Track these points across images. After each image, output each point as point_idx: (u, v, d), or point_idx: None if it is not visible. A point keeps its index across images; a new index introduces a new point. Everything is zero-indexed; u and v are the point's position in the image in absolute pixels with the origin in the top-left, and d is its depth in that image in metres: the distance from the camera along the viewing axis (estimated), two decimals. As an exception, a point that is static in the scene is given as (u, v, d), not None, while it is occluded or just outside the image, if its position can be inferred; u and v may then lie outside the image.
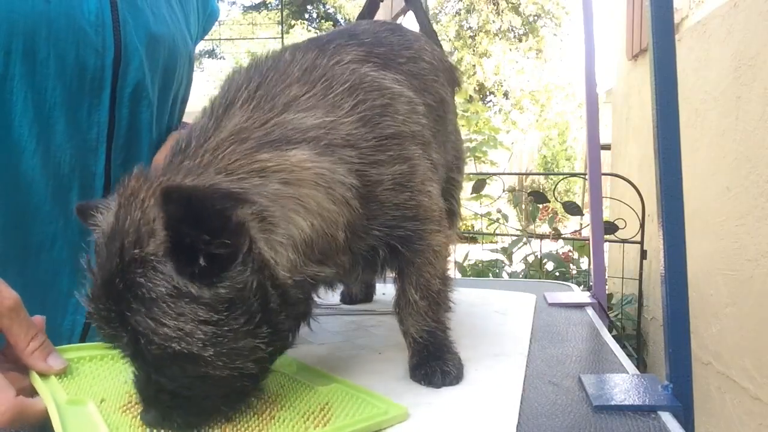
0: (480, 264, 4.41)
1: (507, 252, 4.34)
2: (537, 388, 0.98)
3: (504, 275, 4.22)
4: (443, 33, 18.77)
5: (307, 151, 0.85)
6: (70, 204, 1.09)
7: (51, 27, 1.04)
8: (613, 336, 1.35)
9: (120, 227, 0.75)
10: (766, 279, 2.29)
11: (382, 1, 1.77)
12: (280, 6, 20.12)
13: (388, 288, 1.10)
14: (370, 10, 1.76)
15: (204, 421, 0.80)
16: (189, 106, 1.40)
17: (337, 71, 0.98)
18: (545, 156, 16.08)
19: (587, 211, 2.01)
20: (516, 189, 6.21)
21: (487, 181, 4.35)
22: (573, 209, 3.92)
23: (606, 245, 2.81)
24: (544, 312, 1.52)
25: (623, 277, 3.76)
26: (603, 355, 1.17)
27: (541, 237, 4.31)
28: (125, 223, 0.74)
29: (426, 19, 1.75)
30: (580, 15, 1.76)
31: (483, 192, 4.32)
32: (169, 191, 0.69)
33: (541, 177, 12.43)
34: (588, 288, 2.10)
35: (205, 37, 1.61)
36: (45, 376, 0.85)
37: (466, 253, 4.50)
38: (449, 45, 18.85)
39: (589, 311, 1.55)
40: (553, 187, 4.94)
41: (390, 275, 1.09)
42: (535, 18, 20.41)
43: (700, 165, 2.89)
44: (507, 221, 4.64)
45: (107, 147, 1.16)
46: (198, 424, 0.79)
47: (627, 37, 4.49)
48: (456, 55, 18.78)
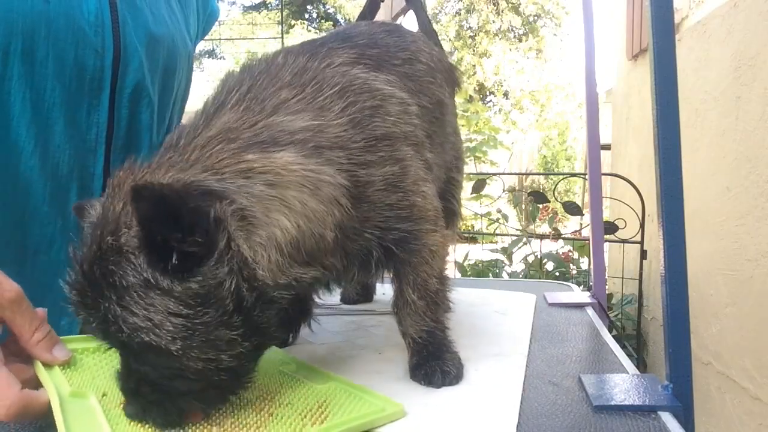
0: (480, 264, 4.41)
1: (507, 252, 4.34)
2: (537, 388, 0.98)
3: (504, 275, 4.22)
4: (443, 33, 18.76)
5: (294, 153, 0.85)
6: (68, 205, 1.09)
7: (50, 27, 1.04)
8: (613, 336, 1.35)
9: (103, 216, 0.77)
10: (766, 279, 2.29)
11: (382, 1, 1.77)
12: (280, 6, 20.11)
13: (388, 288, 1.10)
14: (370, 10, 1.75)
15: (185, 415, 0.79)
16: (189, 106, 1.40)
17: (328, 74, 0.98)
18: (545, 156, 16.08)
19: (587, 211, 2.00)
20: (516, 189, 6.21)
21: (487, 181, 4.35)
22: (573, 209, 3.92)
23: (606, 245, 2.81)
24: (544, 312, 1.52)
25: (623, 277, 3.76)
26: (603, 355, 1.17)
27: (541, 237, 4.31)
28: (108, 213, 0.76)
29: (426, 19, 1.74)
30: (580, 15, 1.76)
31: (483, 192, 4.32)
32: (139, 189, 0.69)
33: (541, 177, 12.43)
34: (588, 288, 2.10)
35: (205, 37, 1.61)
36: (49, 366, 0.86)
37: (466, 253, 4.50)
38: (449, 45, 18.85)
39: (589, 311, 1.55)
40: (553, 187, 4.94)
41: (388, 275, 1.09)
42: (535, 18, 20.41)
43: (700, 165, 2.89)
44: (507, 221, 4.64)
45: (106, 148, 1.16)
46: (179, 418, 0.79)
47: (627, 37, 4.49)
48: (456, 55, 18.78)
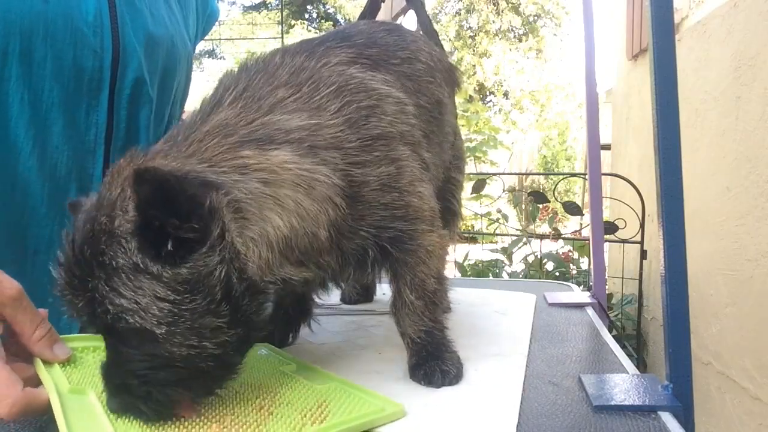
0: (480, 264, 4.41)
1: (507, 252, 4.34)
2: (537, 388, 0.98)
3: (504, 275, 4.22)
4: (443, 33, 18.76)
5: (289, 152, 0.86)
6: (66, 206, 1.09)
7: (48, 28, 1.04)
8: (613, 336, 1.35)
9: (99, 201, 0.77)
10: (766, 279, 2.29)
11: (383, 1, 1.77)
12: (280, 6, 20.10)
13: (387, 288, 1.10)
14: (371, 10, 1.75)
15: (170, 408, 0.79)
16: (188, 106, 1.40)
17: (324, 73, 0.98)
18: (545, 156, 16.07)
19: (587, 211, 2.00)
20: (516, 189, 6.20)
21: (487, 181, 4.35)
22: (573, 209, 3.92)
23: (606, 245, 2.81)
24: (544, 312, 1.52)
25: (623, 277, 3.76)
26: (603, 355, 1.17)
27: (541, 237, 4.31)
28: (104, 197, 0.77)
29: (427, 19, 1.74)
30: (580, 15, 1.76)
31: (483, 192, 4.32)
32: (142, 172, 0.70)
33: (541, 177, 12.42)
34: (588, 288, 2.10)
35: (205, 37, 1.61)
36: (49, 364, 0.87)
37: (466, 253, 4.50)
38: (449, 45, 18.84)
39: (589, 311, 1.55)
40: (553, 187, 4.93)
41: (387, 276, 1.09)
42: (535, 18, 20.41)
43: (700, 165, 2.89)
44: (507, 221, 4.64)
45: (105, 149, 1.15)
46: (164, 409, 0.79)
47: (627, 37, 4.48)
48: (456, 55, 18.77)
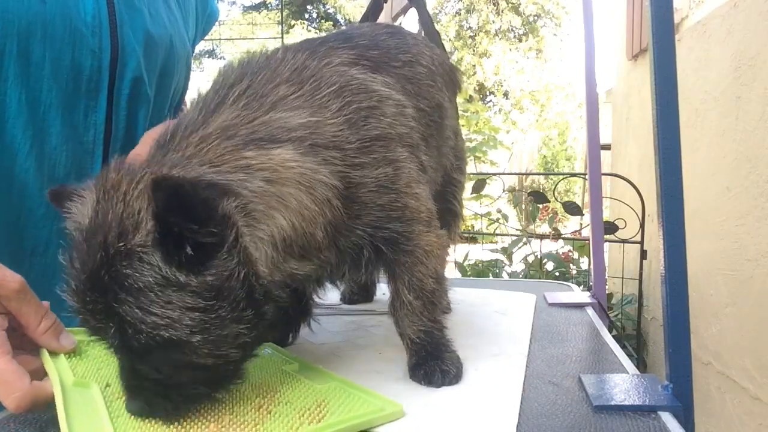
0: (480, 264, 4.40)
1: (507, 252, 4.34)
2: (537, 388, 0.98)
3: (504, 275, 4.22)
4: (443, 33, 18.75)
5: (291, 151, 0.86)
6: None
7: (46, 28, 1.04)
8: (613, 336, 1.35)
9: (101, 221, 0.75)
10: (766, 279, 2.29)
11: (385, 2, 1.77)
12: (280, 6, 20.11)
13: (387, 288, 1.10)
14: (373, 11, 1.75)
15: (188, 409, 0.80)
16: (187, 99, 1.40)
17: (326, 73, 0.98)
18: (545, 156, 16.07)
19: (587, 211, 2.00)
20: (516, 189, 6.20)
21: (487, 181, 4.35)
22: (573, 209, 3.92)
23: (606, 245, 2.81)
24: (544, 312, 1.52)
25: (623, 277, 3.76)
26: (603, 355, 1.17)
27: (541, 237, 4.31)
28: (107, 217, 0.75)
29: (428, 19, 1.74)
30: (580, 15, 1.76)
31: (483, 192, 4.32)
32: (159, 181, 0.70)
33: (541, 177, 12.42)
34: (588, 288, 2.10)
35: (205, 37, 1.61)
36: (55, 355, 0.87)
37: (466, 253, 4.50)
38: (449, 45, 18.84)
39: (589, 311, 1.54)
40: (553, 187, 4.93)
41: (385, 275, 1.09)
42: (535, 18, 20.41)
43: (700, 165, 2.89)
44: (507, 221, 4.64)
45: (104, 149, 1.15)
46: (182, 411, 0.80)
47: (627, 37, 4.49)
48: (456, 55, 18.78)
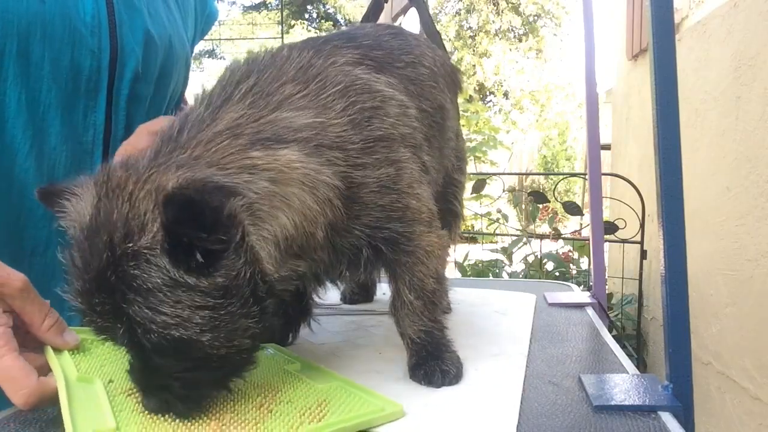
0: (480, 264, 4.40)
1: (507, 252, 4.34)
2: (537, 388, 0.98)
3: (504, 275, 4.22)
4: (443, 33, 18.75)
5: (297, 152, 0.86)
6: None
7: (46, 28, 1.04)
8: (613, 336, 1.35)
9: (104, 220, 0.74)
10: (766, 279, 2.29)
11: (386, 2, 1.77)
12: (280, 6, 20.11)
13: (387, 288, 1.10)
14: (374, 11, 1.75)
15: (204, 402, 0.82)
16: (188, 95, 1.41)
17: (331, 72, 0.98)
18: (545, 156, 16.06)
19: (587, 211, 2.00)
20: (516, 189, 6.20)
21: (487, 181, 4.35)
22: (573, 209, 3.92)
23: (606, 245, 2.81)
24: (544, 312, 1.52)
25: (623, 277, 3.76)
26: (603, 355, 1.17)
27: (541, 237, 4.31)
28: (111, 216, 0.74)
29: (429, 19, 1.74)
30: (580, 15, 1.76)
31: (483, 192, 4.32)
32: (171, 196, 0.70)
33: (541, 177, 12.42)
34: (588, 288, 2.10)
35: (205, 37, 1.61)
36: (59, 352, 0.88)
37: (466, 253, 4.50)
38: (449, 45, 18.84)
39: (589, 311, 1.54)
40: (553, 187, 4.93)
41: (386, 275, 1.09)
42: (535, 18, 20.41)
43: (700, 165, 2.89)
44: (507, 221, 4.64)
45: (104, 149, 1.15)
46: (199, 405, 0.81)
47: (627, 37, 4.48)
48: (456, 55, 18.78)
